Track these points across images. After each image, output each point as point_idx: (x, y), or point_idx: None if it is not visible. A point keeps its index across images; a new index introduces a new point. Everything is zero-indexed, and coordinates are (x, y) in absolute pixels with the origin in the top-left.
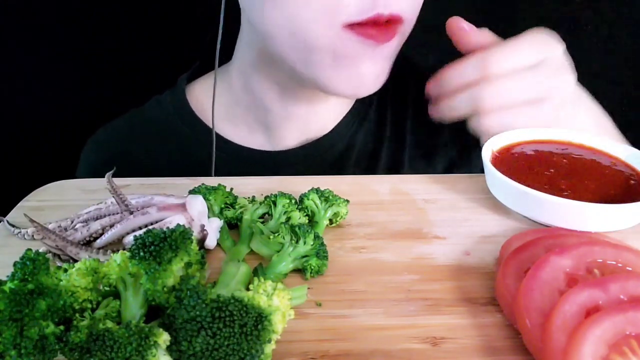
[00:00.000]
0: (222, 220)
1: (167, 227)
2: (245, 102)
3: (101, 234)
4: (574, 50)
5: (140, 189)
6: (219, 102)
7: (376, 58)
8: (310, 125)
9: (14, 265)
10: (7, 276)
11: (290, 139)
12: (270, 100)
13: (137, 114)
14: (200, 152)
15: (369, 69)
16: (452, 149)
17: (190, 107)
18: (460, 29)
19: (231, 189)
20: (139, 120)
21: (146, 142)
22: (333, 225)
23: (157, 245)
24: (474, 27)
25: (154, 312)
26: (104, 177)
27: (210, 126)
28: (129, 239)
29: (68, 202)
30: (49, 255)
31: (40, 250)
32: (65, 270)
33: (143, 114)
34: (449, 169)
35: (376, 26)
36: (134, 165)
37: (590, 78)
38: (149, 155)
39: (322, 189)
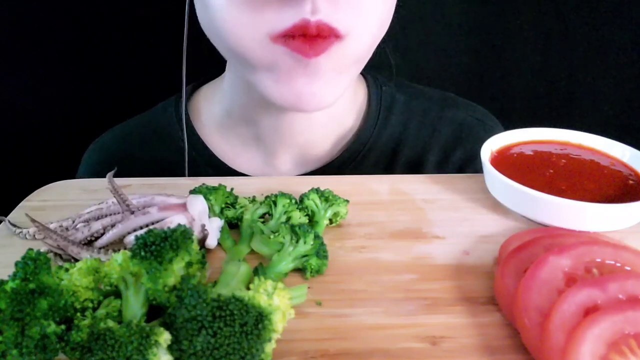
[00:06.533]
0: (222, 220)
1: (168, 227)
2: (237, 113)
3: (102, 234)
4: (573, 50)
5: (141, 189)
6: (212, 114)
7: (311, 75)
8: (301, 141)
9: (16, 264)
10: (9, 276)
11: (284, 160)
12: (255, 111)
13: (143, 118)
14: (195, 164)
15: (305, 88)
16: None
17: (189, 116)
18: None
19: (232, 189)
20: (144, 125)
21: (148, 148)
22: (333, 225)
23: (158, 245)
24: None
25: (155, 312)
26: (103, 177)
27: (204, 140)
28: (130, 239)
29: (69, 202)
30: (50, 255)
31: (42, 250)
32: (67, 270)
33: (149, 119)
34: None
35: (305, 38)
36: (133, 170)
37: (590, 79)
38: (149, 162)
39: (322, 189)
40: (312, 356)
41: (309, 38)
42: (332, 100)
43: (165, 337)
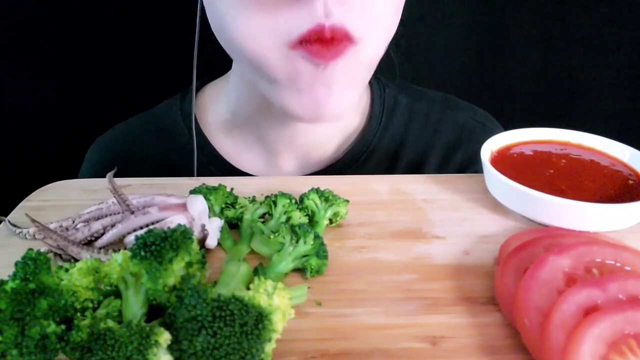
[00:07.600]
0: (222, 220)
1: (168, 227)
2: (241, 113)
3: (102, 234)
4: (573, 50)
5: (141, 189)
6: (217, 113)
7: (328, 81)
8: (305, 142)
9: (16, 264)
10: (9, 276)
11: (288, 160)
12: (260, 111)
13: (148, 117)
14: (199, 162)
15: (323, 94)
16: None
17: (195, 115)
18: None
19: (232, 189)
20: (147, 123)
21: (152, 147)
22: (333, 225)
23: (158, 245)
24: None
25: (155, 312)
26: (104, 177)
27: (209, 139)
28: (130, 239)
29: (69, 202)
30: (50, 255)
31: (42, 250)
32: (67, 270)
33: (153, 117)
34: None
35: (321, 42)
36: (135, 168)
37: (590, 79)
38: (152, 160)
39: (322, 189)
40: (312, 356)
41: (324, 42)
42: (347, 109)
43: (165, 337)
